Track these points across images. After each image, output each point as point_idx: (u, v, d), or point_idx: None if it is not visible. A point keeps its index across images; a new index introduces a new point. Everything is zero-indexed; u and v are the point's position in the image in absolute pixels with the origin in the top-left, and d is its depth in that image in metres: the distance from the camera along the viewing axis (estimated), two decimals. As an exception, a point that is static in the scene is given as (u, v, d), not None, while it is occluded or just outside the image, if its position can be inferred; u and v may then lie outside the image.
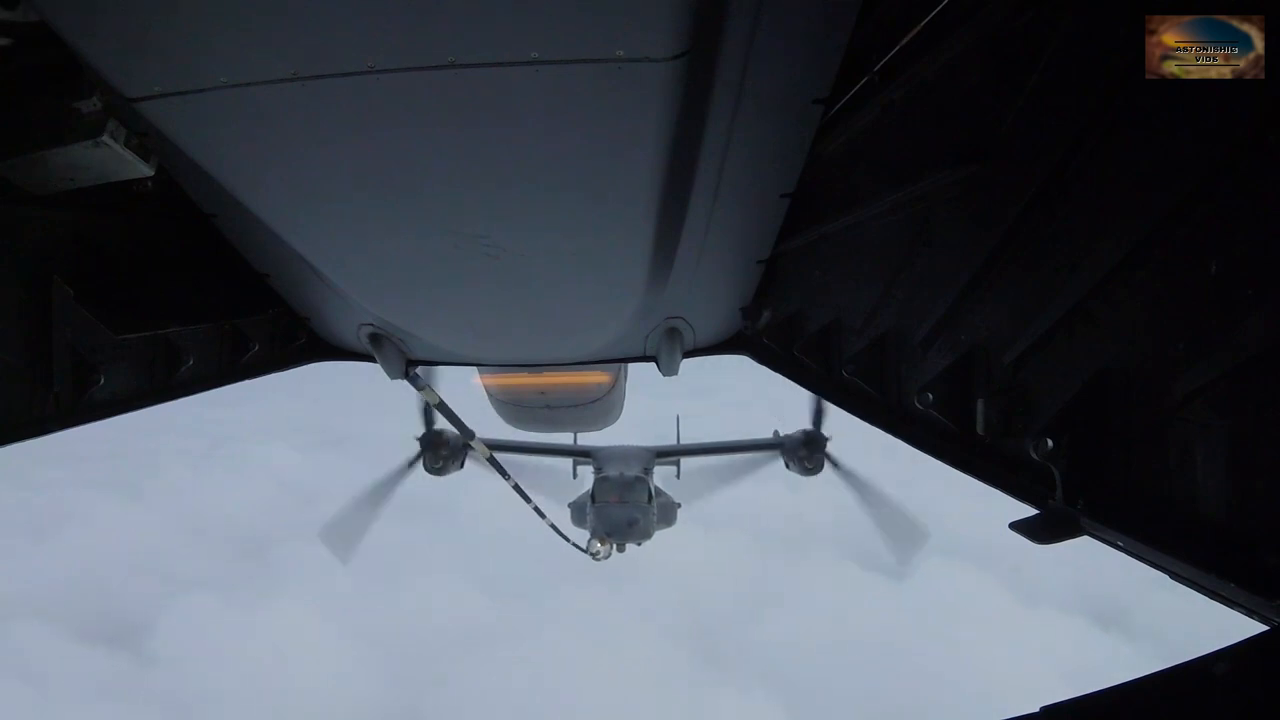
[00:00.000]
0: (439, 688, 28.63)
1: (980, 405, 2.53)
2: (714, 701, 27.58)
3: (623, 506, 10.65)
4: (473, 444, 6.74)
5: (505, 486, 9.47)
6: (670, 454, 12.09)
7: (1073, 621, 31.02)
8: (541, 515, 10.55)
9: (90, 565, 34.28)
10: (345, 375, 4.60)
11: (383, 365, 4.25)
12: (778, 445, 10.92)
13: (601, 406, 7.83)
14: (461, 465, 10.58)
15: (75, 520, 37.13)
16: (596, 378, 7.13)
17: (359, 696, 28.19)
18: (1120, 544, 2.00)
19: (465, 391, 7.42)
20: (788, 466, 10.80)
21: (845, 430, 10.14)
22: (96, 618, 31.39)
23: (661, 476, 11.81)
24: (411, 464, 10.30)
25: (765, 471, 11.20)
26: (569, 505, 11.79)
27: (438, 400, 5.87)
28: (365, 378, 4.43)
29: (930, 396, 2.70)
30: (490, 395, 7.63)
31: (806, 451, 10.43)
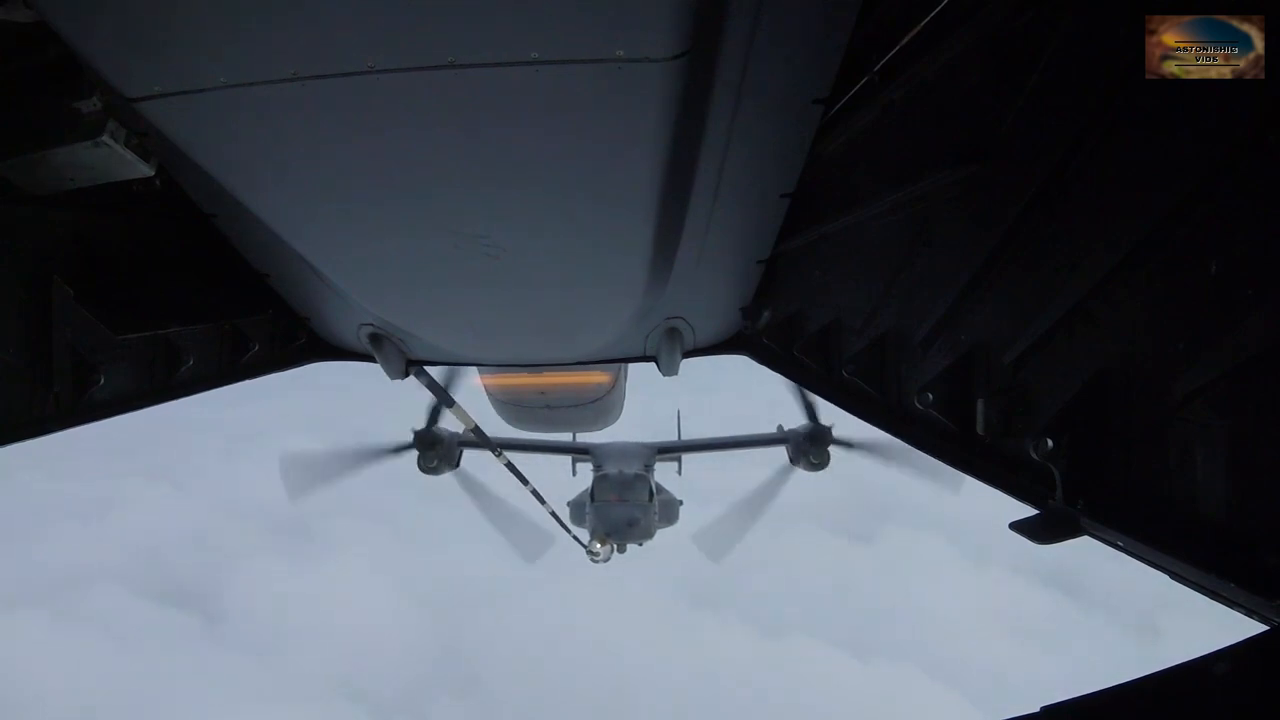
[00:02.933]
0: (473, 627, 35.48)
1: (980, 405, 2.53)
2: (700, 630, 35.32)
3: (623, 505, 10.48)
4: (455, 413, 6.62)
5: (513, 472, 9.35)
6: (671, 450, 11.97)
7: (1014, 578, 36.35)
8: (540, 499, 10.45)
9: (148, 542, 39.22)
10: (352, 375, 4.63)
11: (383, 365, 4.25)
12: (782, 440, 10.69)
13: (601, 406, 7.83)
14: (457, 465, 10.49)
15: (124, 506, 41.39)
16: (596, 378, 7.13)
17: (408, 639, 34.95)
18: (1120, 544, 2.00)
19: (465, 391, 7.41)
20: (793, 462, 10.59)
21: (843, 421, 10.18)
22: (167, 583, 36.72)
23: (663, 473, 11.79)
24: (399, 450, 10.11)
25: (759, 456, 11.24)
26: (568, 504, 11.65)
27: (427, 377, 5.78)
28: (371, 379, 4.44)
29: (930, 396, 2.70)
30: (490, 395, 7.63)
31: (811, 446, 10.24)
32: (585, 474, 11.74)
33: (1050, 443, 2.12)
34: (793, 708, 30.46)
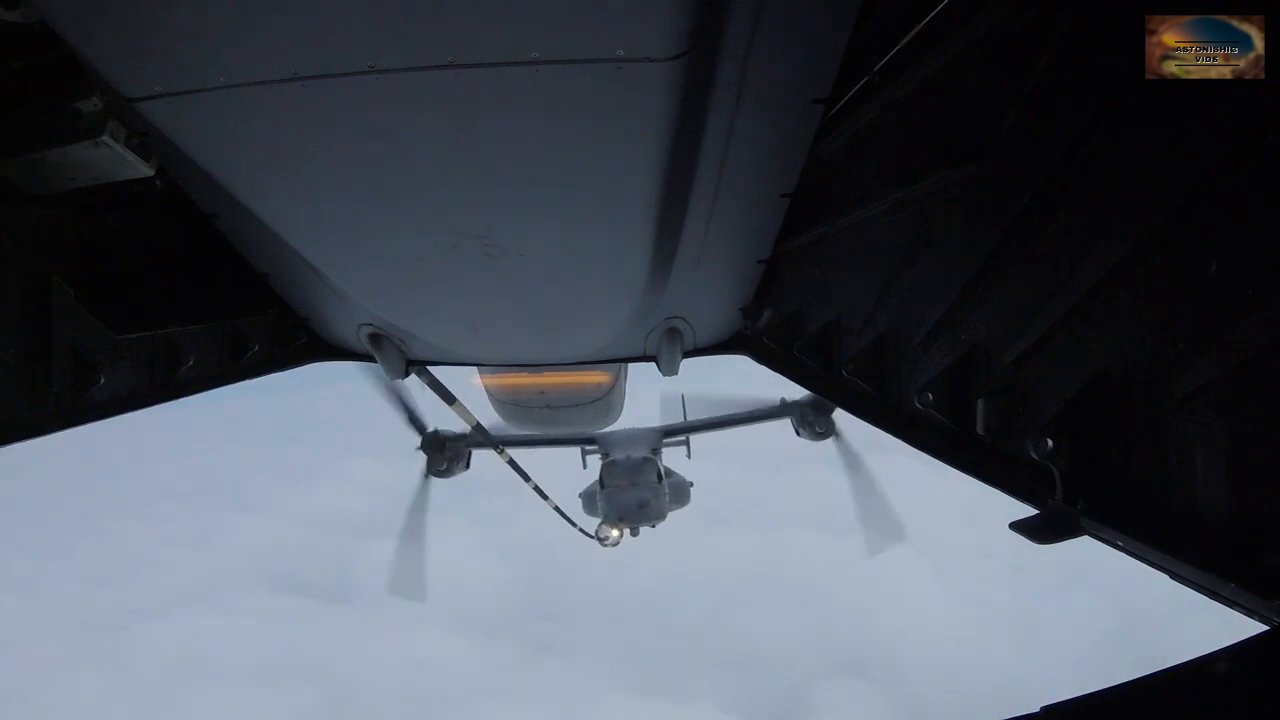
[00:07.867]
0: (549, 573, 45.36)
1: (980, 405, 2.53)
2: (717, 538, 45.54)
3: (632, 489, 10.54)
4: (456, 410, 6.67)
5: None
6: (678, 432, 12.02)
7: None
8: (542, 495, 10.46)
9: (263, 556, 47.79)
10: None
11: (383, 365, 4.25)
12: (786, 412, 10.81)
13: (601, 406, 7.84)
14: (467, 465, 10.50)
15: (222, 535, 50.16)
16: (596, 377, 7.14)
17: (498, 587, 45.65)
18: (1120, 544, 2.00)
19: (465, 391, 7.49)
20: (798, 433, 10.69)
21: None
22: (296, 581, 45.67)
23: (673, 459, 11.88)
24: (427, 475, 10.21)
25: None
26: (579, 495, 11.72)
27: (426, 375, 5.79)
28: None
29: (930, 396, 2.70)
30: (490, 395, 7.64)
31: (815, 415, 10.29)
32: (595, 467, 11.77)
33: (1050, 442, 2.12)
34: (782, 566, 43.66)
